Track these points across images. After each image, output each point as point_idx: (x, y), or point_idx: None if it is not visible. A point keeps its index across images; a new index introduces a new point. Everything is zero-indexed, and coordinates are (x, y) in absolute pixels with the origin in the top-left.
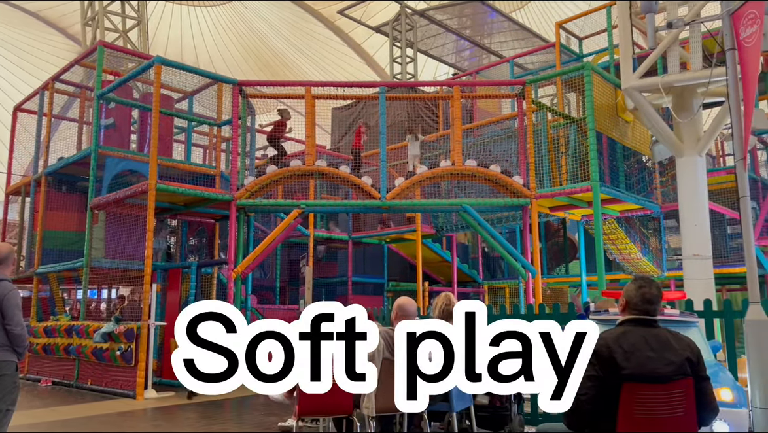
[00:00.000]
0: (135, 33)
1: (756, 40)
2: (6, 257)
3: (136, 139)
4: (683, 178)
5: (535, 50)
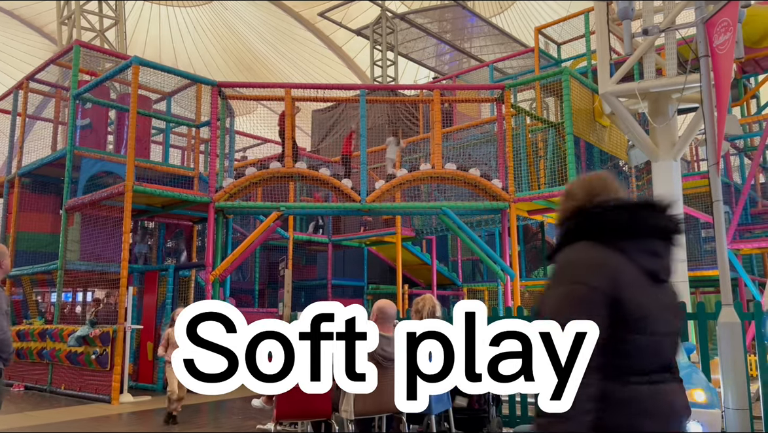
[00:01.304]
0: (112, 33)
1: (729, 47)
2: None
3: (113, 140)
4: (659, 182)
5: (514, 55)
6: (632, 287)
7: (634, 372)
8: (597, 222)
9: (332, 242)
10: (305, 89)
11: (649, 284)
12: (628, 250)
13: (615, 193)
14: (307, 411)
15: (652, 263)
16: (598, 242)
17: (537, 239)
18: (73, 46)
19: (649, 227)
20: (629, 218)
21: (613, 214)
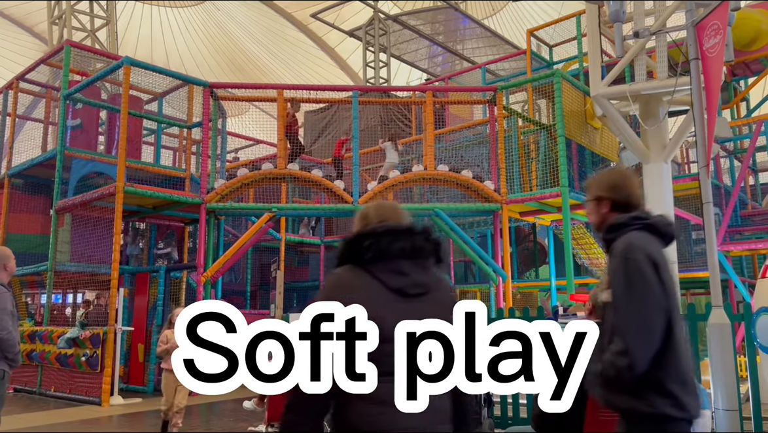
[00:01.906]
0: (103, 33)
1: (719, 50)
2: None
3: (104, 140)
4: (650, 184)
5: (506, 57)
6: (368, 304)
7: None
8: (353, 248)
9: (324, 243)
10: (297, 90)
11: (394, 299)
12: (374, 271)
13: (396, 219)
14: None
15: (397, 281)
16: (354, 265)
17: (529, 240)
18: (63, 46)
19: (394, 250)
20: (372, 243)
21: (362, 241)
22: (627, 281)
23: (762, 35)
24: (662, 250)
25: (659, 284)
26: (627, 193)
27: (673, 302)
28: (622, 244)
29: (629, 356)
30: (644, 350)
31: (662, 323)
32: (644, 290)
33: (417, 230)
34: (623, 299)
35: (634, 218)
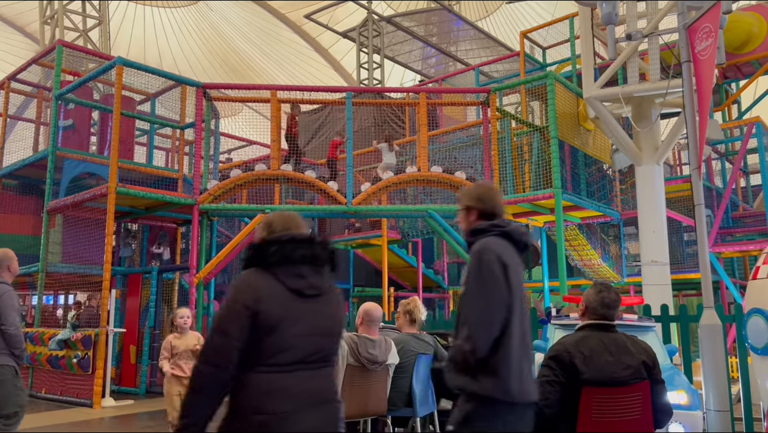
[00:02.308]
0: (96, 33)
1: (710, 53)
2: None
3: (96, 141)
4: (642, 186)
5: (500, 59)
6: (271, 302)
7: (266, 363)
8: (260, 253)
9: None
10: (291, 91)
11: (294, 298)
12: (278, 274)
13: (297, 229)
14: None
15: (297, 283)
16: (260, 268)
17: None
18: (55, 45)
19: (296, 256)
20: (277, 250)
21: (269, 247)
22: (478, 278)
23: (753, 38)
24: (514, 254)
25: (505, 282)
26: (492, 204)
27: (515, 299)
28: (479, 246)
29: (472, 341)
30: (485, 337)
31: (503, 316)
32: (491, 287)
33: (316, 240)
34: (473, 292)
35: (493, 225)
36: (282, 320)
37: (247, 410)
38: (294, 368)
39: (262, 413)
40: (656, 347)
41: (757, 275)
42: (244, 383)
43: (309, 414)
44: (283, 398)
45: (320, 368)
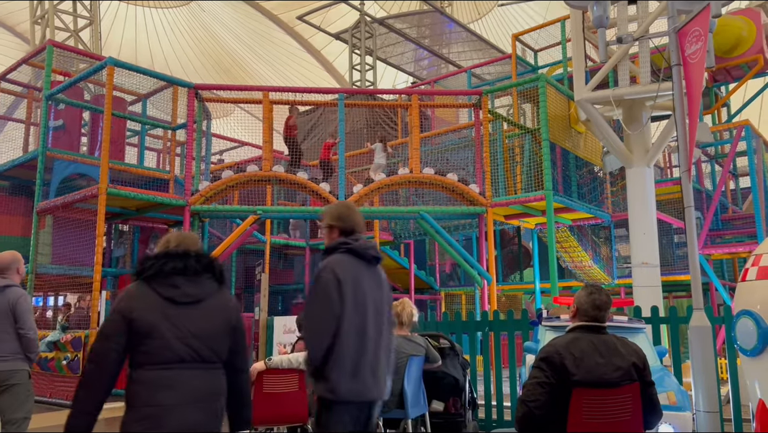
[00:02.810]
0: (87, 33)
1: (700, 56)
2: (8, 266)
3: (87, 141)
4: (632, 188)
5: (492, 61)
6: (144, 310)
7: (150, 363)
8: (142, 267)
9: (310, 246)
10: (283, 92)
11: (168, 305)
12: (153, 284)
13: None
14: (283, 416)
15: (170, 292)
16: (141, 281)
17: (513, 243)
18: (46, 45)
19: (167, 269)
20: (152, 264)
21: (146, 262)
22: (313, 294)
23: (742, 42)
24: (361, 267)
25: (338, 296)
26: (351, 222)
27: (351, 310)
28: (321, 265)
29: (310, 351)
30: (317, 347)
31: (333, 327)
32: (322, 303)
33: (191, 254)
34: (309, 305)
35: (341, 243)
36: (156, 325)
37: (138, 402)
38: (176, 367)
39: (150, 405)
40: (646, 349)
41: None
42: (135, 379)
43: (191, 409)
44: (167, 393)
45: (202, 369)
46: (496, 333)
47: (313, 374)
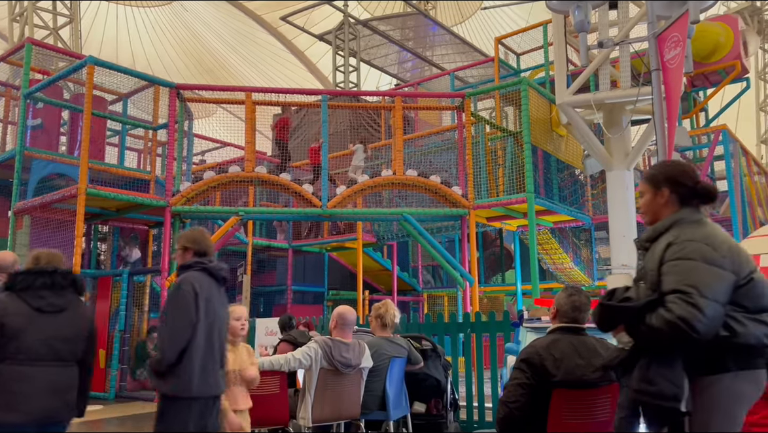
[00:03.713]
0: (66, 31)
1: (679, 62)
2: (9, 266)
3: (66, 141)
4: (613, 191)
5: (475, 64)
6: (14, 316)
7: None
8: (13, 281)
9: (292, 247)
10: (266, 93)
11: (35, 313)
12: (24, 296)
13: (58, 263)
14: (264, 418)
15: (38, 303)
16: (12, 292)
17: (495, 245)
18: (24, 43)
19: (38, 283)
20: (23, 279)
21: (17, 277)
22: (173, 303)
23: (720, 48)
24: (212, 285)
25: (195, 308)
26: (205, 245)
27: (204, 319)
28: (180, 278)
29: (163, 352)
30: (173, 348)
31: (189, 332)
32: (182, 311)
33: (59, 271)
34: (167, 313)
35: (197, 262)
36: (22, 329)
37: (3, 389)
38: (35, 363)
39: (11, 392)
40: None
41: None
42: (2, 372)
43: (45, 397)
44: (27, 384)
45: (60, 366)
46: (477, 335)
47: (163, 373)
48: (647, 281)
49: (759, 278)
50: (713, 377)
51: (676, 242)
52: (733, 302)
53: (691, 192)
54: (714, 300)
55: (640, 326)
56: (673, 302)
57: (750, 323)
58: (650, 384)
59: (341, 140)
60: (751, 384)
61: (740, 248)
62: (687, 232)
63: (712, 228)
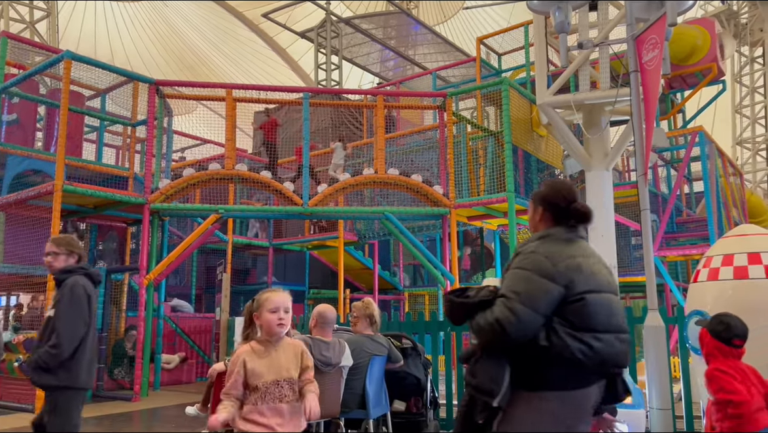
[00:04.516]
0: (43, 25)
1: (656, 64)
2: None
3: (42, 137)
4: (591, 191)
5: (456, 64)
6: None
7: None
8: None
9: (273, 245)
10: (247, 90)
11: None
12: None
13: None
14: None
15: None
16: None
17: (476, 244)
18: (0, 37)
19: None
20: None
21: None
22: (70, 303)
23: (697, 50)
24: (92, 288)
25: (87, 307)
26: (80, 250)
27: (92, 318)
28: (72, 281)
29: (60, 348)
30: (70, 344)
31: (83, 330)
32: (78, 310)
33: None
34: (64, 312)
35: (80, 267)
36: None
37: None
38: None
39: None
40: None
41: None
42: None
43: None
44: None
45: None
46: (457, 333)
47: (53, 367)
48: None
49: (594, 299)
50: (531, 394)
51: (523, 252)
52: (560, 315)
53: (564, 212)
54: (532, 309)
55: (471, 323)
56: (496, 304)
57: (568, 337)
58: (473, 376)
59: (323, 138)
60: (566, 405)
61: (585, 268)
62: (540, 246)
63: (575, 248)
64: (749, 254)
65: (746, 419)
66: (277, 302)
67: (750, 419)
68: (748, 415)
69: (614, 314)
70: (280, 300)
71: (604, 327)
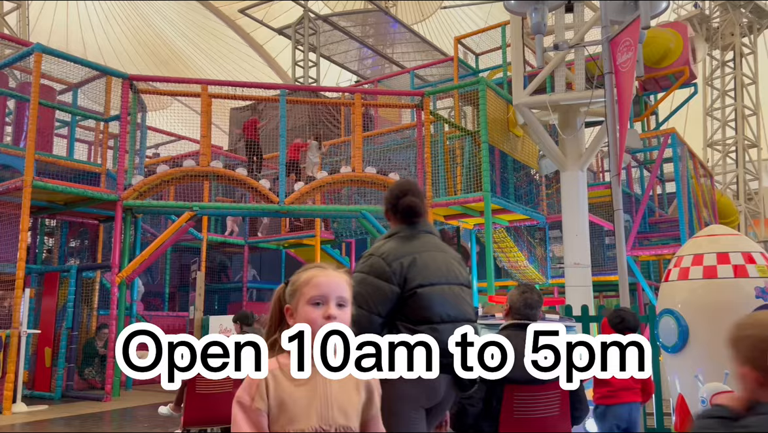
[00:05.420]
0: (14, 17)
1: (630, 66)
2: None
3: (12, 131)
4: (566, 191)
5: (434, 63)
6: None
7: None
8: None
9: (248, 243)
10: (223, 86)
11: None
12: None
13: None
14: (216, 417)
15: None
16: None
17: (453, 243)
18: None
19: None
20: None
21: None
22: None
23: (671, 53)
24: None
25: None
26: None
27: None
28: None
29: None
30: None
31: None
32: None
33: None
34: None
35: None
36: None
37: None
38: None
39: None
40: None
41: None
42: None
43: None
44: None
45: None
46: None
47: None
48: None
49: (425, 292)
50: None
51: (365, 255)
52: (401, 311)
53: (394, 210)
54: (367, 310)
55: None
56: None
57: (407, 332)
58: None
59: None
60: (416, 388)
61: (419, 263)
62: (382, 246)
63: (417, 244)
64: (718, 253)
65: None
66: (325, 286)
67: (616, 394)
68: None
69: (447, 303)
70: (329, 284)
71: (439, 317)
